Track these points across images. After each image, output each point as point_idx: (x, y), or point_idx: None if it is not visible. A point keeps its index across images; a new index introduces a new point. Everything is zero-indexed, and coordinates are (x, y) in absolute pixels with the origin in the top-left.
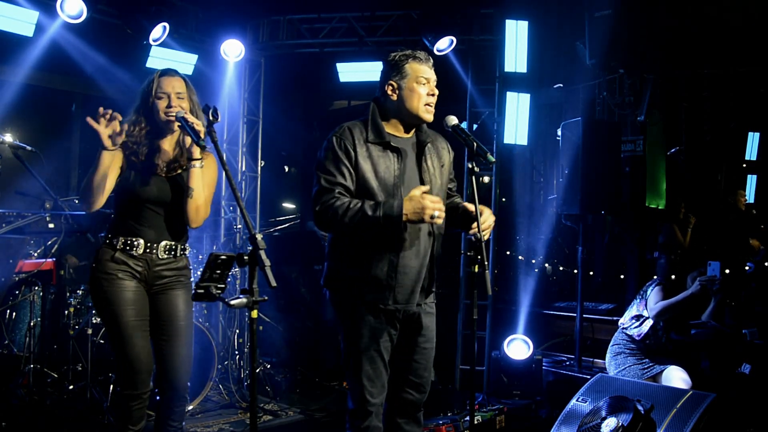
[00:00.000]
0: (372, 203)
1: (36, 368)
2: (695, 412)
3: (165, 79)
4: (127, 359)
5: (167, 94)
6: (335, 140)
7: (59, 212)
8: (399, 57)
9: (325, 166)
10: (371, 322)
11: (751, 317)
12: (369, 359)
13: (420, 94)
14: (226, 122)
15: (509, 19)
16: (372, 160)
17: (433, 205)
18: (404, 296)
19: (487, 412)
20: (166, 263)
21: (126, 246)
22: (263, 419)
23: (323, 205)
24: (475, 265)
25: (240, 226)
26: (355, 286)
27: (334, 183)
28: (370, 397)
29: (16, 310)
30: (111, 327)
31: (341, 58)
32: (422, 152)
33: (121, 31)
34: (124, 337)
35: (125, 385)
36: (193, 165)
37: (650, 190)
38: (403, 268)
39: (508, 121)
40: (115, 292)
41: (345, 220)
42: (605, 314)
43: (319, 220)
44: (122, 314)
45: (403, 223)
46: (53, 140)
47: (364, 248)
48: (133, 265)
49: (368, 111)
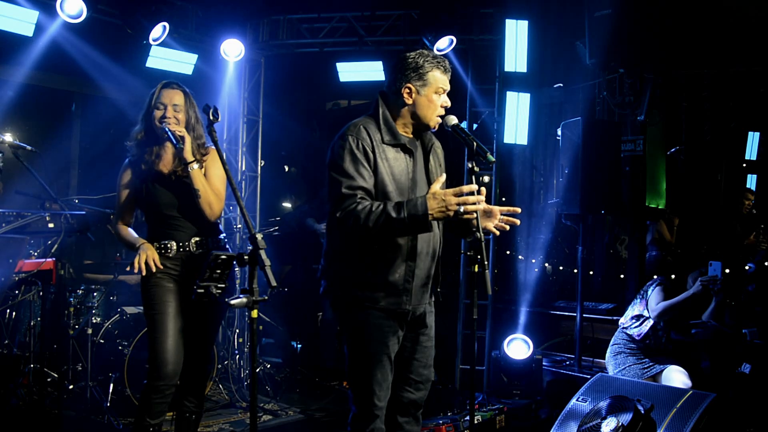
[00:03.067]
0: (394, 205)
1: (36, 368)
2: (695, 412)
3: (165, 90)
4: (158, 351)
5: (164, 105)
6: (352, 141)
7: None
8: (423, 62)
9: (343, 169)
10: (382, 326)
11: (751, 317)
12: (378, 363)
13: (436, 106)
14: (226, 122)
15: (509, 19)
16: (388, 161)
17: (456, 199)
18: (417, 298)
19: (487, 411)
20: (199, 258)
21: (161, 249)
22: (263, 419)
23: (344, 210)
24: (475, 265)
25: (240, 225)
26: (368, 291)
27: (355, 187)
28: (377, 401)
29: (16, 310)
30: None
31: (341, 57)
32: (427, 153)
33: (121, 31)
34: (160, 330)
35: (152, 377)
36: (191, 168)
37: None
38: (418, 271)
39: (508, 120)
40: (157, 293)
41: (369, 224)
42: (605, 314)
43: (340, 226)
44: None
45: (428, 222)
46: (53, 140)
47: (381, 253)
48: (171, 266)
49: (375, 108)
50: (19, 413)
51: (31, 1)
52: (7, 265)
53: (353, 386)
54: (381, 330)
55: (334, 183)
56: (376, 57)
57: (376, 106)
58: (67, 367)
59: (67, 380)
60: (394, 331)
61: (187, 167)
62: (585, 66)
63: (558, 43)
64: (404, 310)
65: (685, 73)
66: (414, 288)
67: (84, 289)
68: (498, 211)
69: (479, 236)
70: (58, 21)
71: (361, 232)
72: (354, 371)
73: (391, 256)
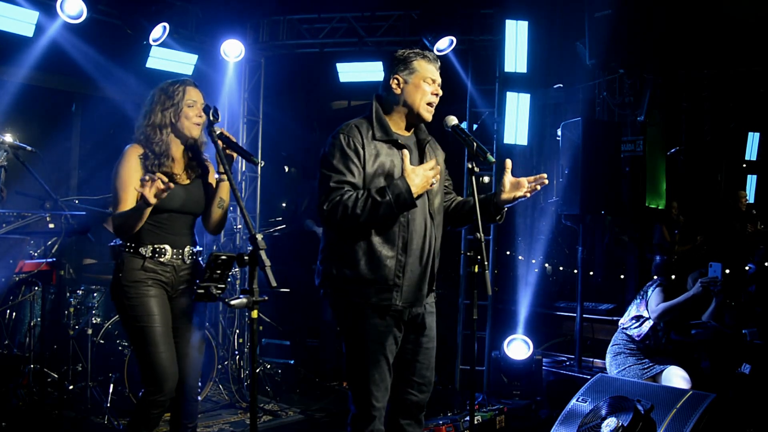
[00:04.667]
0: (378, 189)
1: (36, 368)
2: (695, 412)
3: (192, 88)
4: (155, 367)
5: (195, 102)
6: (343, 138)
7: (59, 212)
8: (408, 53)
9: (332, 165)
10: (377, 325)
11: (751, 317)
12: (375, 363)
13: (424, 92)
14: (226, 122)
15: (509, 19)
16: (380, 157)
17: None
18: (411, 296)
19: (487, 412)
20: (189, 268)
21: (155, 254)
22: (263, 419)
23: (331, 202)
24: (475, 265)
25: (240, 226)
26: (360, 288)
27: (343, 181)
28: (375, 401)
29: (16, 310)
30: (139, 335)
31: (341, 58)
32: (423, 151)
33: (121, 31)
34: (152, 345)
35: (151, 392)
36: (222, 179)
37: (650, 190)
38: (410, 266)
39: (508, 121)
40: (143, 301)
41: (357, 211)
42: (605, 314)
43: (329, 218)
44: (151, 323)
45: (413, 200)
46: (53, 140)
47: (369, 248)
48: (161, 272)
49: (370, 109)
50: (19, 413)
51: (31, 2)
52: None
53: (352, 386)
54: (377, 330)
55: (323, 178)
56: (376, 57)
57: (370, 107)
58: (67, 367)
59: (67, 380)
60: (390, 331)
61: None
62: (585, 66)
63: (558, 43)
64: (397, 308)
65: (685, 73)
66: (405, 284)
67: (84, 289)
68: (525, 180)
69: (479, 236)
70: (58, 21)
71: (351, 221)
72: (352, 371)
73: (382, 251)
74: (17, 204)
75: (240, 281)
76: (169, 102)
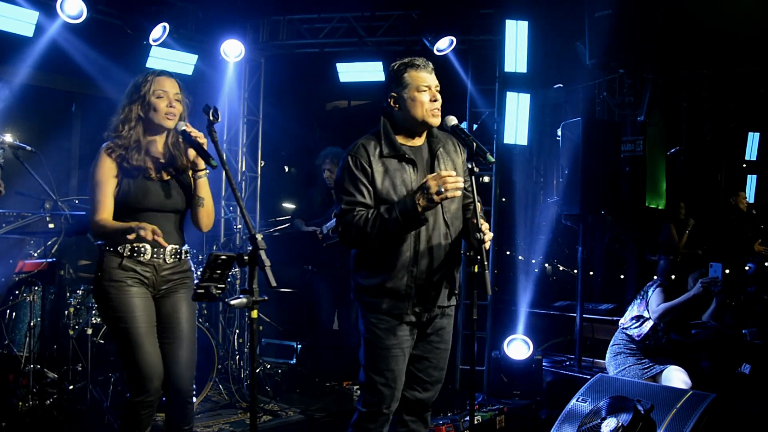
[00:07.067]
0: (386, 206)
1: (36, 368)
2: (695, 412)
3: (163, 78)
4: (139, 367)
5: (166, 93)
6: (350, 160)
7: (59, 212)
8: (397, 67)
9: (344, 187)
10: (393, 333)
11: (751, 317)
12: (388, 370)
13: (422, 102)
14: (226, 122)
15: (509, 19)
16: (389, 174)
17: (435, 182)
18: (425, 304)
19: (487, 412)
20: (172, 267)
21: (133, 252)
22: (263, 419)
23: (345, 224)
24: (475, 265)
25: (240, 226)
26: (375, 297)
27: (354, 203)
28: (385, 408)
29: (16, 310)
30: (121, 335)
31: (341, 58)
32: (434, 159)
33: (121, 31)
34: (135, 345)
35: (137, 392)
36: (199, 176)
37: (650, 190)
38: (422, 276)
39: (508, 121)
40: (124, 299)
41: (367, 230)
42: (605, 314)
43: (344, 239)
44: (133, 322)
45: (422, 215)
46: (53, 140)
47: (382, 260)
48: (141, 271)
49: (379, 124)
50: (18, 413)
51: (31, 2)
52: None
53: (363, 388)
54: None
55: (338, 201)
56: (376, 57)
57: (379, 123)
58: (67, 367)
59: (67, 380)
60: (405, 338)
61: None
62: (585, 66)
63: (558, 43)
64: (409, 317)
65: (685, 73)
66: (418, 294)
67: (84, 289)
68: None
69: (479, 237)
70: (58, 21)
71: (364, 239)
72: (364, 373)
73: (394, 264)
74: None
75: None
76: (136, 95)
